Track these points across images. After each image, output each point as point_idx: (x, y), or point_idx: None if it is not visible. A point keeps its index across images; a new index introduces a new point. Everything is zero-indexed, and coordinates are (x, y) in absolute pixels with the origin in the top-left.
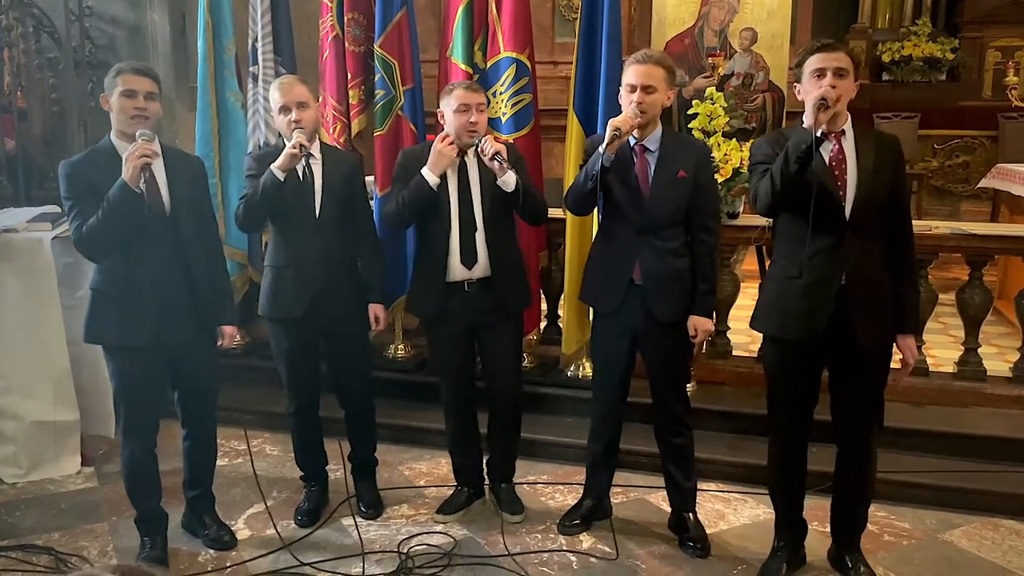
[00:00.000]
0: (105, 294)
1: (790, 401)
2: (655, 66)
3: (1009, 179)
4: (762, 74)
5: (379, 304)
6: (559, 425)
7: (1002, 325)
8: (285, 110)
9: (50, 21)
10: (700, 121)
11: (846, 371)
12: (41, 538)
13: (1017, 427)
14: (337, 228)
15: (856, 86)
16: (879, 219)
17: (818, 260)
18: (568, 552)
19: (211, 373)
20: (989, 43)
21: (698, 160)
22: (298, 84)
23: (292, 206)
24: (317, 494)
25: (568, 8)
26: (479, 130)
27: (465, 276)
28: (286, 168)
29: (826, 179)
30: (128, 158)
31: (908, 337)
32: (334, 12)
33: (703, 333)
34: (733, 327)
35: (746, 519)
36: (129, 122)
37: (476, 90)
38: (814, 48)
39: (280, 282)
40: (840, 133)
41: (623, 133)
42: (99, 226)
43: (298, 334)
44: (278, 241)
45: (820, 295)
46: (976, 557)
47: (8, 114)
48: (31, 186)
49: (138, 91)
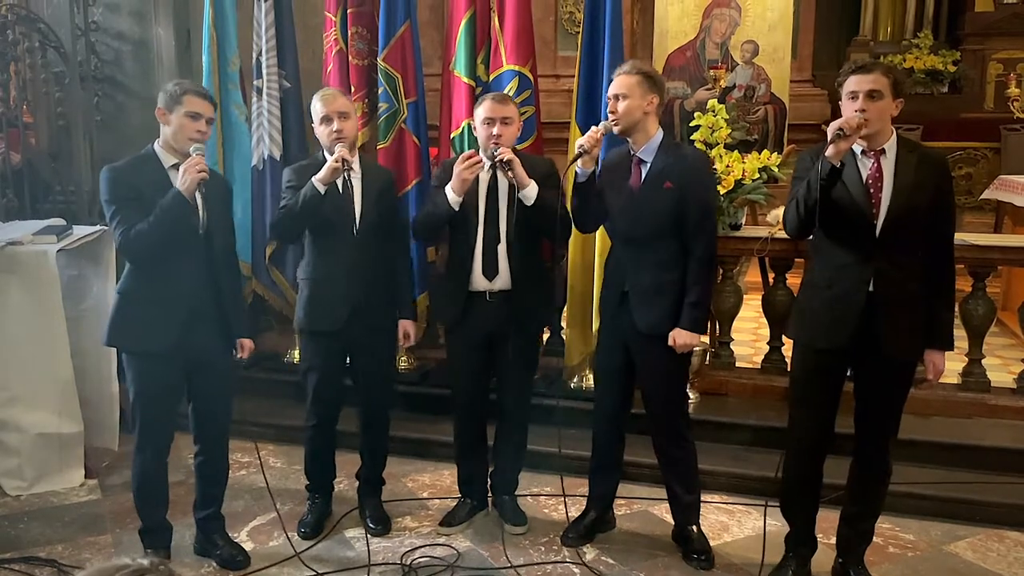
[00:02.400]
0: (133, 298)
1: (813, 410)
2: (625, 75)
3: (1012, 190)
4: (764, 86)
5: (409, 320)
6: (562, 437)
7: (1006, 336)
8: (327, 120)
9: (56, 36)
10: (702, 133)
11: (871, 381)
12: (44, 550)
13: (1021, 438)
14: (374, 242)
15: (898, 104)
16: (913, 235)
17: (846, 272)
18: (571, 564)
19: (226, 389)
20: (991, 55)
21: (687, 170)
22: (340, 96)
23: (331, 219)
24: (321, 506)
25: (571, 22)
26: (503, 143)
27: (487, 287)
28: (328, 181)
29: (859, 197)
30: (187, 170)
31: (936, 353)
32: (338, 26)
33: (682, 347)
34: (737, 339)
35: (750, 531)
36: (187, 141)
37: (503, 102)
38: (850, 70)
39: (318, 295)
40: (880, 152)
41: (588, 148)
42: (149, 232)
43: (331, 347)
44: (316, 254)
45: (846, 306)
46: (981, 569)
47: (14, 128)
48: (37, 199)
49: (203, 115)
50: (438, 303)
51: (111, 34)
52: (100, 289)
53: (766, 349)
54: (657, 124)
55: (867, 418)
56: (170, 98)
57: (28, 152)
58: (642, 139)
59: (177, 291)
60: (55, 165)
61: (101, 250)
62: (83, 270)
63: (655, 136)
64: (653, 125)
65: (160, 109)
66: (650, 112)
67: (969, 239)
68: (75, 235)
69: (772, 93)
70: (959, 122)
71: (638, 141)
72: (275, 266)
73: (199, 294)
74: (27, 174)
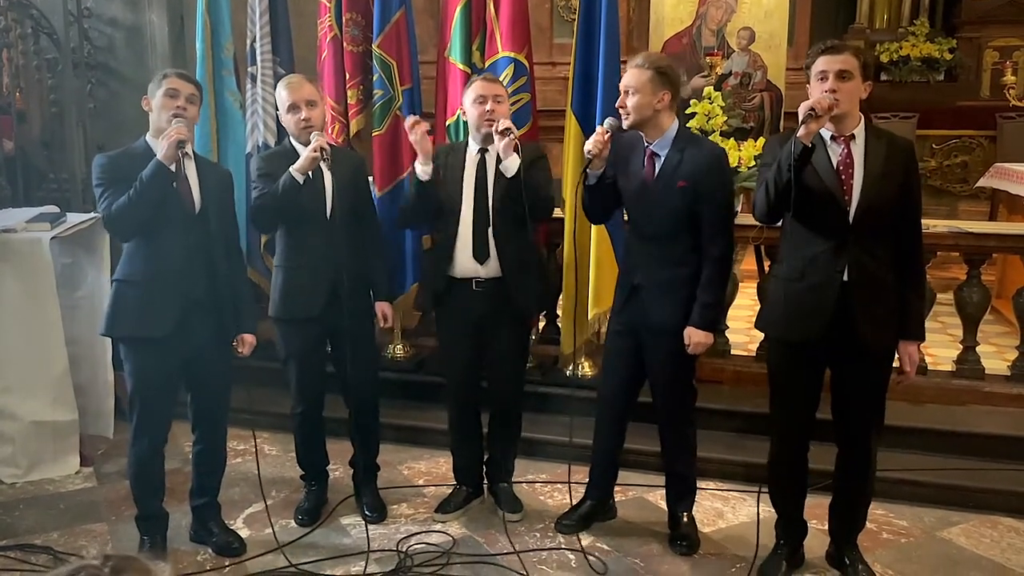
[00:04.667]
0: (129, 283)
1: (792, 402)
2: (637, 69)
3: (1007, 178)
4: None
5: (386, 302)
6: (558, 424)
7: (1000, 324)
8: (294, 108)
9: (49, 22)
10: (698, 120)
11: (848, 372)
12: (39, 538)
13: (1015, 425)
14: (347, 228)
15: (867, 87)
16: (886, 223)
17: (820, 262)
18: (567, 550)
19: (225, 377)
20: (987, 43)
21: (702, 167)
22: (307, 83)
23: (303, 207)
24: (317, 493)
25: (566, 9)
26: (496, 118)
27: (475, 273)
28: (307, 171)
29: (831, 183)
30: (163, 137)
31: (910, 344)
32: (332, 12)
33: (696, 346)
34: (732, 326)
35: (744, 517)
36: (168, 119)
37: (494, 81)
38: (819, 50)
39: (292, 283)
40: (850, 137)
41: (595, 153)
42: (129, 204)
43: (309, 334)
44: (289, 242)
45: (821, 297)
46: (974, 555)
47: (7, 115)
48: (30, 187)
49: (181, 92)
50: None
51: (104, 20)
52: (95, 277)
53: (760, 337)
54: (672, 117)
55: (846, 409)
56: (153, 85)
57: (21, 139)
58: (655, 133)
59: (172, 276)
60: (48, 152)
61: (95, 238)
62: (77, 258)
63: (669, 129)
64: (667, 119)
65: (145, 98)
66: (661, 109)
67: (965, 227)
68: (69, 223)
69: (768, 80)
70: (955, 110)
71: (651, 135)
72: (269, 254)
73: (195, 279)
74: (20, 161)
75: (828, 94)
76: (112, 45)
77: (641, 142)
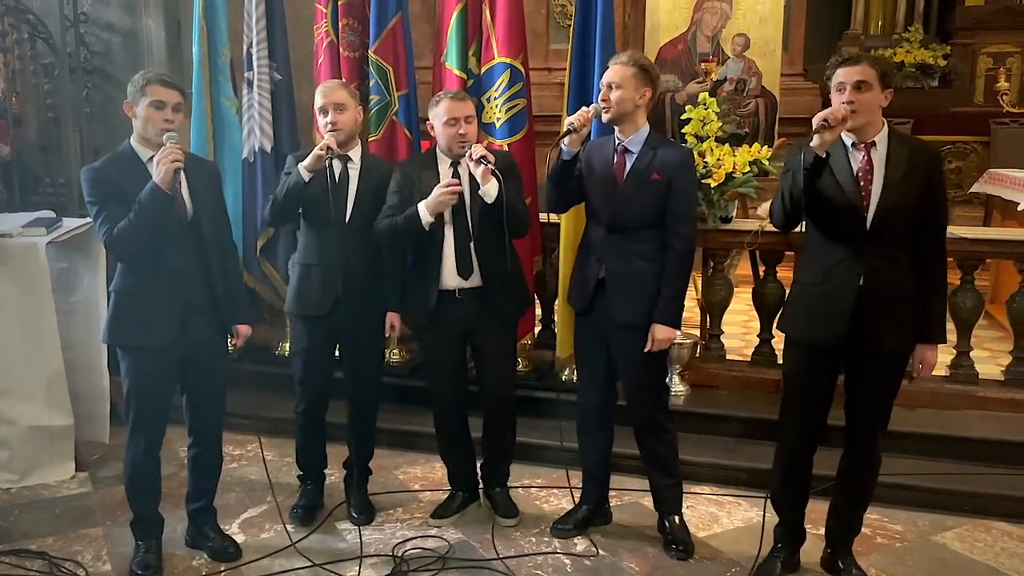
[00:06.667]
0: (128, 296)
1: (804, 404)
2: (621, 65)
3: (1001, 184)
4: (755, 79)
5: (396, 312)
6: (553, 429)
7: (994, 329)
8: (323, 112)
9: (45, 27)
10: (693, 126)
11: (863, 373)
12: (35, 543)
13: (1009, 430)
14: (363, 233)
15: (887, 95)
16: (905, 228)
17: (839, 267)
18: (562, 555)
19: (221, 379)
20: (981, 49)
21: (675, 164)
22: (340, 88)
23: (324, 208)
24: (313, 492)
25: (562, 15)
26: (469, 140)
27: (458, 285)
28: (312, 169)
29: (850, 190)
30: (160, 161)
31: (928, 347)
32: (329, 18)
33: (659, 342)
34: (727, 331)
35: (739, 522)
36: (157, 132)
37: (463, 99)
38: (837, 62)
39: (307, 280)
40: (871, 144)
41: (577, 127)
42: (131, 228)
43: (318, 332)
44: (309, 240)
45: (839, 300)
46: (968, 559)
47: (3, 120)
48: (26, 191)
49: (167, 103)
50: (407, 304)
51: (101, 25)
52: (90, 282)
53: (756, 342)
54: (645, 118)
55: (857, 411)
56: (135, 90)
57: (17, 144)
58: (630, 130)
59: (171, 284)
60: (44, 157)
61: (91, 243)
62: (73, 263)
63: (643, 128)
64: (642, 118)
65: (127, 103)
66: (641, 105)
67: (958, 232)
68: (65, 227)
69: (763, 86)
70: (949, 116)
71: (626, 131)
72: (266, 258)
73: (193, 285)
74: (16, 166)
75: (845, 105)
76: (109, 50)
77: (609, 143)
